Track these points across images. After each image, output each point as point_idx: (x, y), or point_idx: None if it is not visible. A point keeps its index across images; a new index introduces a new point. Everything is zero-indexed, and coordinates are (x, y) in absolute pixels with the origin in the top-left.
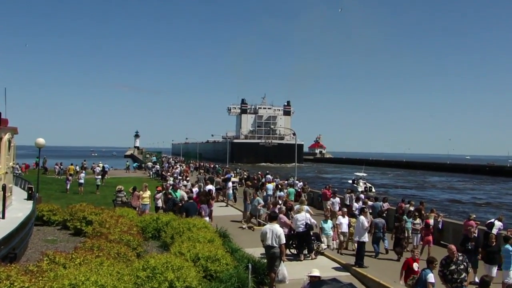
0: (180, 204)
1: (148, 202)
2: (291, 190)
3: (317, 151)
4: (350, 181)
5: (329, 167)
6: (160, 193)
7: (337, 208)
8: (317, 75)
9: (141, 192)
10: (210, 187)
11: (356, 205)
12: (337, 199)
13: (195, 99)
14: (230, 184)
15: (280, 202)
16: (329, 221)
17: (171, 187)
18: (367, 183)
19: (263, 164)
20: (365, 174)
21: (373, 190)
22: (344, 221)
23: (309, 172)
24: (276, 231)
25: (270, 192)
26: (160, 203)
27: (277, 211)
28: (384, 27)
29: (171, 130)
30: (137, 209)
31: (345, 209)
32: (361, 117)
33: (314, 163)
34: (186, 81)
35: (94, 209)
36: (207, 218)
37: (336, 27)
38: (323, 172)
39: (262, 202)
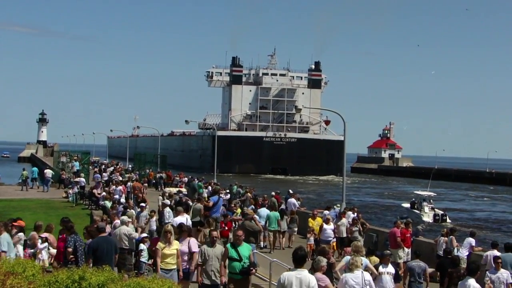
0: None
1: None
2: (273, 214)
3: (386, 153)
4: (406, 205)
5: (402, 183)
6: (45, 244)
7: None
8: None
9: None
10: (180, 219)
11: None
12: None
13: (153, 56)
14: (218, 212)
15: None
16: None
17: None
18: (435, 209)
19: (270, 176)
20: (432, 194)
21: (448, 220)
22: None
23: (366, 195)
24: (308, 281)
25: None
26: (43, 254)
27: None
28: None
29: (110, 114)
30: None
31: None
32: (431, 102)
33: (376, 177)
34: (136, 23)
35: None
36: (175, 278)
37: None
38: (389, 195)
39: None
